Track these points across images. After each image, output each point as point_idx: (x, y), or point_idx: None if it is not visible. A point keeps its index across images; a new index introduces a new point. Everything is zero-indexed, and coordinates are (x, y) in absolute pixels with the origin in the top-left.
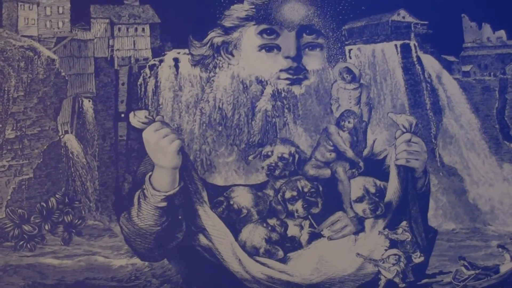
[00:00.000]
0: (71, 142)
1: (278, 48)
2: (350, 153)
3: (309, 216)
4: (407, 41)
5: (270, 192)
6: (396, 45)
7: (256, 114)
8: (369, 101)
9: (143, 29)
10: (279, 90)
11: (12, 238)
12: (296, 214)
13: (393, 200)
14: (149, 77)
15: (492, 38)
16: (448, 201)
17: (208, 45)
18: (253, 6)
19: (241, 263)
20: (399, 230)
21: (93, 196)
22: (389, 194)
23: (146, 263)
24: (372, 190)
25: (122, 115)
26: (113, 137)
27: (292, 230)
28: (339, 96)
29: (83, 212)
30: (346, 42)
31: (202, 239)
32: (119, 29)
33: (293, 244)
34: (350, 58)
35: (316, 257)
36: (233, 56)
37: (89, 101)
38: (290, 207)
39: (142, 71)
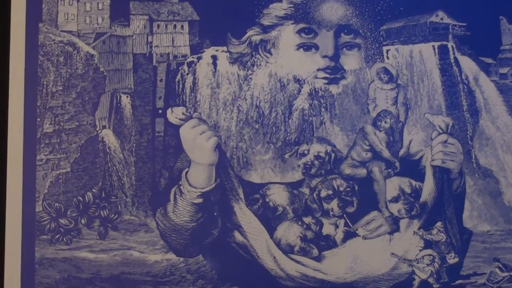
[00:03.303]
0: (109, 137)
1: (316, 47)
2: (386, 153)
3: (344, 215)
4: (445, 43)
5: (305, 190)
6: (433, 46)
7: (293, 113)
8: (406, 101)
9: (182, 26)
10: (316, 89)
11: (48, 232)
12: (331, 213)
13: (429, 200)
14: (187, 74)
15: None
16: (483, 203)
17: (246, 43)
18: (292, 5)
19: (275, 261)
20: (434, 231)
21: (129, 191)
22: (425, 194)
23: (181, 258)
24: (408, 190)
25: (160, 111)
26: (150, 133)
27: (327, 228)
28: (376, 96)
29: (119, 207)
30: (384, 43)
31: (237, 236)
32: (158, 26)
33: (328, 243)
34: (388, 58)
35: (350, 256)
36: (271, 54)
37: (127, 96)
38: (325, 205)
39: (180, 68)
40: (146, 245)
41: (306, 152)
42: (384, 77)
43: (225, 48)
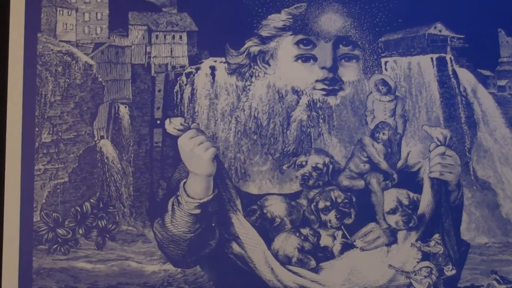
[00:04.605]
0: (107, 147)
1: (315, 59)
2: (384, 165)
3: (342, 227)
4: (443, 55)
5: (303, 201)
6: (432, 58)
7: (291, 124)
8: (404, 113)
9: (181, 37)
10: (315, 101)
11: (46, 242)
12: (329, 224)
13: (426, 212)
14: (186, 84)
15: None
16: (481, 215)
17: (244, 54)
18: (291, 16)
19: (273, 272)
20: (432, 243)
21: (127, 202)
22: (422, 206)
23: (179, 269)
24: (406, 202)
25: (158, 122)
26: (149, 144)
27: (325, 240)
28: (374, 107)
29: (117, 217)
30: (382, 54)
31: (235, 247)
32: (157, 36)
33: (326, 254)
34: (386, 70)
35: (348, 268)
36: (269, 65)
37: (126, 107)
38: (323, 217)
39: (178, 79)
40: (143, 255)
41: (304, 163)
42: (382, 88)
43: (223, 59)
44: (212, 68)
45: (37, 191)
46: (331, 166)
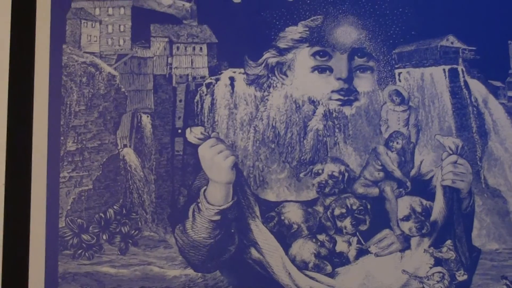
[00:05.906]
0: (130, 155)
1: (330, 70)
2: (398, 173)
3: (357, 233)
4: (455, 66)
5: (320, 208)
6: (444, 70)
7: (308, 133)
8: (417, 123)
9: (201, 48)
10: (331, 111)
11: (71, 247)
12: (344, 230)
13: (439, 219)
14: (206, 94)
15: None
16: (492, 222)
17: (263, 65)
18: (307, 29)
19: (290, 277)
20: (444, 249)
21: (149, 208)
22: (435, 213)
23: (199, 274)
24: (419, 209)
25: (179, 131)
26: (170, 152)
27: (341, 246)
28: (388, 117)
29: (140, 224)
30: (396, 66)
31: (254, 253)
32: (178, 48)
33: (341, 260)
34: (400, 81)
35: (363, 273)
36: (286, 76)
37: (148, 116)
38: (339, 223)
39: (199, 89)
40: (165, 260)
41: (320, 171)
42: (396, 99)
43: (242, 70)
44: (232, 79)
45: (62, 198)
46: (346, 174)
